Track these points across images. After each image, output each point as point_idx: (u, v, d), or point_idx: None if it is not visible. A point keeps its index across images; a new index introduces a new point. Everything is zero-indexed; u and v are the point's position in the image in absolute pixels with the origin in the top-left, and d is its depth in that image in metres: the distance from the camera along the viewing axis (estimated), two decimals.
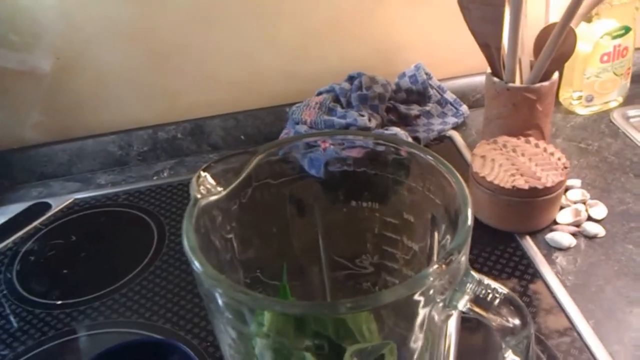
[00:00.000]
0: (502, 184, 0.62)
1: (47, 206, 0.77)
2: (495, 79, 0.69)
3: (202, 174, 0.36)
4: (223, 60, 0.84)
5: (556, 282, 0.59)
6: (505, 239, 0.64)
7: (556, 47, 0.65)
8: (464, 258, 0.30)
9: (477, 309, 0.29)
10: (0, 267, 0.68)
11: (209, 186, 0.35)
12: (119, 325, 0.59)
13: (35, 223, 0.75)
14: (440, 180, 0.36)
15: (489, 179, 0.62)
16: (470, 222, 0.31)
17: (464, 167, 0.71)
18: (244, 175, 0.37)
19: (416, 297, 0.29)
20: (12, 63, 0.80)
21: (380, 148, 0.40)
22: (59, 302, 0.63)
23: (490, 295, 0.29)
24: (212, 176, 0.36)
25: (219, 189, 0.36)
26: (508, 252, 0.63)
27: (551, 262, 0.61)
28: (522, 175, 0.63)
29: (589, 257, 0.61)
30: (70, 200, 0.78)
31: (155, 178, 0.82)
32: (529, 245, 0.63)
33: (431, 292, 0.29)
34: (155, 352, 0.50)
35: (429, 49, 0.88)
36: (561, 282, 0.59)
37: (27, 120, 0.84)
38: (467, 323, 0.54)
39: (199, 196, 0.35)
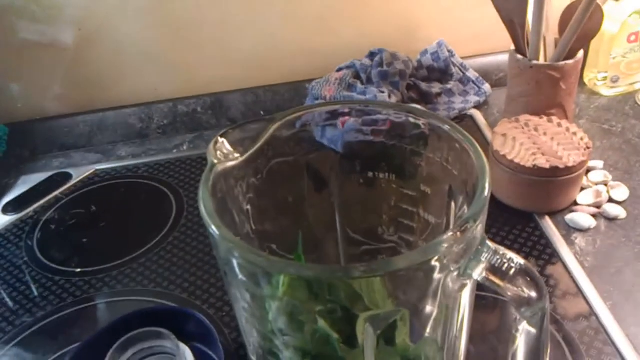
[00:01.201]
0: (522, 163, 0.61)
1: (68, 176, 0.78)
2: (519, 56, 0.68)
3: (220, 139, 0.36)
4: (243, 35, 0.83)
5: (574, 263, 0.58)
6: (524, 218, 0.64)
7: (582, 24, 0.63)
8: (480, 227, 0.30)
9: (492, 278, 0.29)
10: (21, 234, 0.69)
11: (226, 152, 0.35)
12: (136, 293, 0.60)
13: (56, 193, 0.75)
14: (459, 151, 0.35)
15: (509, 157, 0.62)
16: (487, 192, 0.31)
17: (484, 147, 0.69)
18: (261, 142, 0.37)
19: (430, 264, 0.28)
20: (34, 35, 0.81)
21: (399, 119, 0.40)
22: (78, 270, 0.64)
23: (506, 265, 0.29)
24: (230, 142, 0.36)
25: (236, 155, 0.36)
26: (527, 232, 0.62)
27: (570, 242, 0.60)
28: (543, 154, 0.62)
29: (608, 239, 0.60)
30: (90, 171, 0.79)
31: (175, 151, 0.82)
32: (548, 225, 0.62)
33: (446, 260, 0.29)
34: (172, 320, 0.50)
35: (452, 26, 0.86)
36: (580, 263, 0.58)
37: (49, 92, 0.84)
38: (482, 301, 0.54)
39: (215, 161, 0.35)
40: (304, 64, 0.86)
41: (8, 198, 0.75)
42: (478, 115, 0.81)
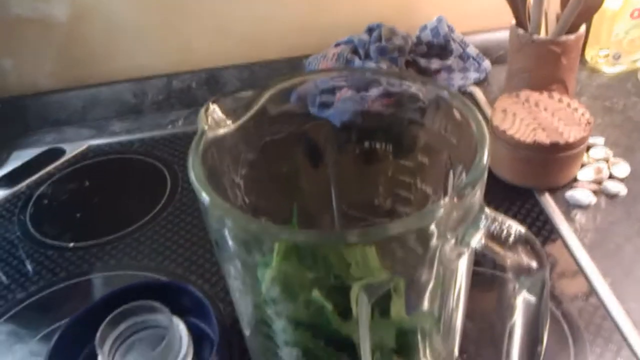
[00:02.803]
0: (522, 139, 0.60)
1: (61, 152, 0.77)
2: (520, 31, 0.67)
3: (211, 105, 0.35)
4: (240, 9, 0.82)
5: (574, 240, 0.57)
6: (523, 195, 0.63)
7: None
8: (478, 194, 0.29)
9: (491, 245, 0.28)
10: (14, 209, 0.68)
11: (217, 118, 0.34)
12: (130, 267, 0.59)
13: (49, 168, 0.74)
14: (457, 119, 0.34)
15: (509, 133, 0.61)
16: (486, 159, 0.30)
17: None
18: (254, 110, 0.36)
19: (427, 230, 0.28)
20: (27, 11, 0.79)
21: (397, 88, 0.39)
22: (72, 245, 0.63)
23: (505, 232, 0.28)
24: (222, 109, 0.35)
25: (228, 122, 0.35)
26: (525, 209, 0.61)
27: (570, 219, 0.60)
28: (543, 130, 0.61)
29: (609, 216, 0.60)
30: (84, 147, 0.78)
31: (169, 127, 0.81)
32: (548, 202, 0.62)
33: (443, 226, 0.28)
34: (166, 294, 0.49)
35: (452, 1, 0.85)
36: (579, 239, 0.57)
37: (42, 67, 0.83)
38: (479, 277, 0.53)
39: (206, 127, 0.34)
40: (302, 39, 0.84)
41: (0, 173, 0.74)
42: (478, 92, 0.80)
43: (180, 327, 0.47)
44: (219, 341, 0.46)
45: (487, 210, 0.29)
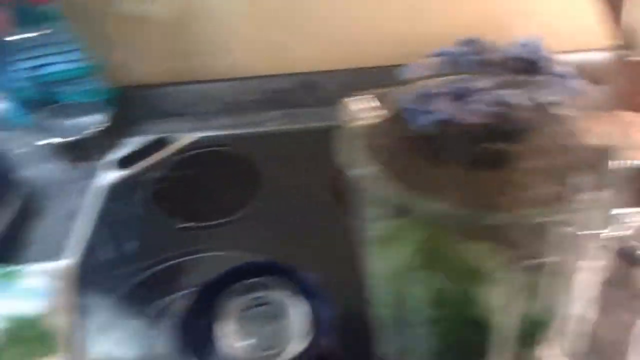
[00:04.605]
0: None
1: (168, 141, 0.83)
2: (616, 52, 0.68)
3: (350, 102, 0.38)
4: (338, 16, 0.86)
5: None
6: None
7: None
8: (606, 192, 0.31)
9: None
10: (129, 190, 0.74)
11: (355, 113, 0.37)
12: (240, 248, 0.62)
13: (157, 156, 0.80)
14: (568, 127, 0.36)
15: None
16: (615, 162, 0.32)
17: None
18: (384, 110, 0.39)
19: (559, 223, 0.30)
20: (136, 10, 0.85)
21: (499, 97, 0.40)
22: (182, 225, 0.68)
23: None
24: (360, 105, 0.38)
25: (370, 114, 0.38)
26: None
27: None
28: None
29: None
30: (189, 139, 0.83)
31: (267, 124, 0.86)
32: None
33: (574, 219, 0.30)
34: (282, 275, 0.51)
35: (547, 19, 0.86)
36: None
37: (156, 62, 0.89)
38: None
39: (347, 120, 0.37)
40: (396, 48, 0.87)
41: (117, 156, 0.80)
42: (567, 112, 0.81)
43: (297, 307, 0.49)
44: (331, 324, 0.48)
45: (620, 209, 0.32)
